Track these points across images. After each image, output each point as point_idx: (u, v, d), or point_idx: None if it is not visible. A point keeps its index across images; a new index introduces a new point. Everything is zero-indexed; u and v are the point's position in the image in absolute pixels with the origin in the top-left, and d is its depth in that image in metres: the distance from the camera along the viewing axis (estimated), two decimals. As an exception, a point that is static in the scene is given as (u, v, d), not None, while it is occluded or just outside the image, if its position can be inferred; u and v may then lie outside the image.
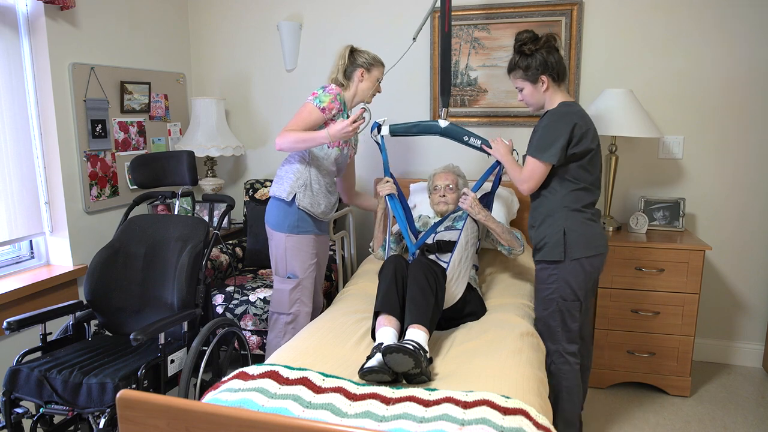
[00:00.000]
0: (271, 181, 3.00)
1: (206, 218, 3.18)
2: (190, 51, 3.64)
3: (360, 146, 2.94)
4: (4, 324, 2.05)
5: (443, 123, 2.50)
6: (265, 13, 3.49)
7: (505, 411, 1.50)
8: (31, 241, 2.74)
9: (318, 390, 1.64)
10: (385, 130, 2.53)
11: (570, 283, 2.09)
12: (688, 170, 3.05)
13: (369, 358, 1.79)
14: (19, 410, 1.99)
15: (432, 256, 2.42)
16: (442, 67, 2.79)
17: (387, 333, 1.90)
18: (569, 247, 2.07)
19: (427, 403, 1.58)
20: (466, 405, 1.54)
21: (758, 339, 3.09)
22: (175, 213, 2.64)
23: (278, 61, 3.51)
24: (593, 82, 3.08)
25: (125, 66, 3.06)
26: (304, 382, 1.67)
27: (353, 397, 1.62)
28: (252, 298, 2.80)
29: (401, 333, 1.94)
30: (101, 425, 1.87)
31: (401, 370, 1.71)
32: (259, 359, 2.40)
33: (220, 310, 2.79)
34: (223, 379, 1.74)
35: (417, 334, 1.85)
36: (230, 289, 2.87)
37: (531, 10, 3.08)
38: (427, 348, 1.83)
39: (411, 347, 1.70)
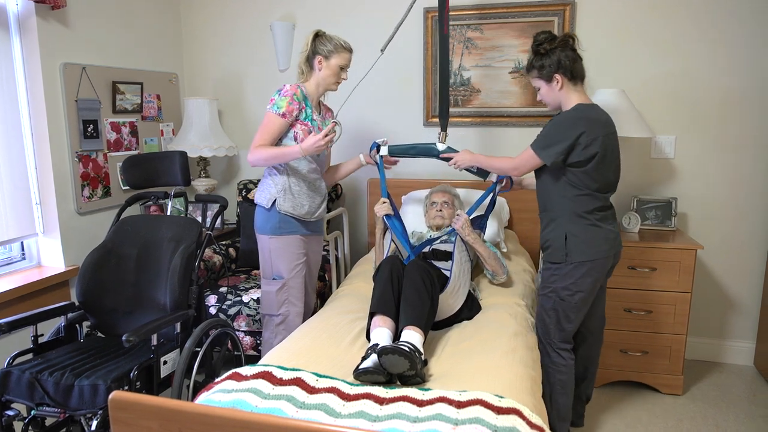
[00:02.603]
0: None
1: (199, 219, 3.17)
2: (183, 51, 3.62)
3: (357, 148, 2.94)
4: (-5, 326, 2.04)
5: (441, 146, 2.61)
6: (258, 14, 3.48)
7: (499, 410, 1.51)
8: (22, 242, 2.72)
9: (311, 390, 1.64)
10: (384, 151, 2.59)
11: (569, 285, 2.12)
12: (680, 170, 3.07)
13: (364, 359, 1.79)
14: (10, 413, 1.97)
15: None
16: (441, 87, 2.78)
17: (382, 334, 1.90)
18: (570, 251, 2.10)
19: (420, 403, 1.58)
20: (459, 405, 1.54)
21: (749, 337, 3.12)
22: (168, 213, 2.63)
23: (271, 61, 3.51)
24: (586, 83, 3.06)
25: (117, 66, 3.04)
26: (298, 382, 1.67)
27: (347, 398, 1.62)
28: (245, 298, 2.79)
29: (396, 334, 1.94)
30: (93, 427, 1.86)
31: (396, 372, 1.71)
32: (253, 360, 2.39)
33: (213, 310, 2.78)
34: (217, 380, 1.73)
35: (412, 336, 1.85)
36: (223, 289, 2.87)
37: (523, 10, 3.08)
38: (422, 350, 1.83)
39: (407, 349, 1.70)
